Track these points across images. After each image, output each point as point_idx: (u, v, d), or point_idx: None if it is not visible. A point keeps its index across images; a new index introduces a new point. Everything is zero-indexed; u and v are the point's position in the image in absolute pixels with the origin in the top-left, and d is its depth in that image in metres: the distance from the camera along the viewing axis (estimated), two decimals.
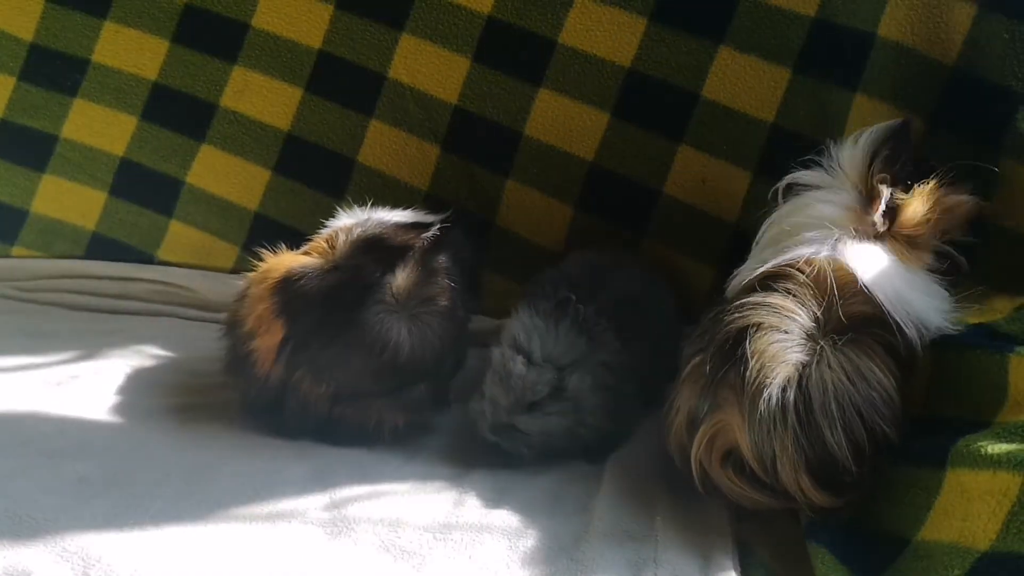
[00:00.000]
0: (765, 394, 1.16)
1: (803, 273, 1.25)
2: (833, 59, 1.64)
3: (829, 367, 1.18)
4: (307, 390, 1.42)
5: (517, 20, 1.82)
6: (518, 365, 1.36)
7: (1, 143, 2.11)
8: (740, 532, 1.22)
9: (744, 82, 1.70)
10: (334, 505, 1.27)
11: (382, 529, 1.22)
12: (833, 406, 1.16)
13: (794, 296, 1.24)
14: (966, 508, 1.02)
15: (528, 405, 1.36)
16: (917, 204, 1.33)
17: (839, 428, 1.15)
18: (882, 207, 1.31)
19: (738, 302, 1.25)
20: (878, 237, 1.31)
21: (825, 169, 1.39)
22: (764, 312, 1.22)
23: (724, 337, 1.23)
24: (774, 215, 1.41)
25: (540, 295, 1.46)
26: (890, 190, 1.32)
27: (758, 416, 1.16)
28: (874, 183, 1.33)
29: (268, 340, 1.42)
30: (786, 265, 1.27)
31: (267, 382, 1.43)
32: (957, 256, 1.37)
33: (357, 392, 1.43)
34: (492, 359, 1.41)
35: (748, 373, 1.18)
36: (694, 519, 1.24)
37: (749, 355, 1.18)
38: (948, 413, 1.19)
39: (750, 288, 1.29)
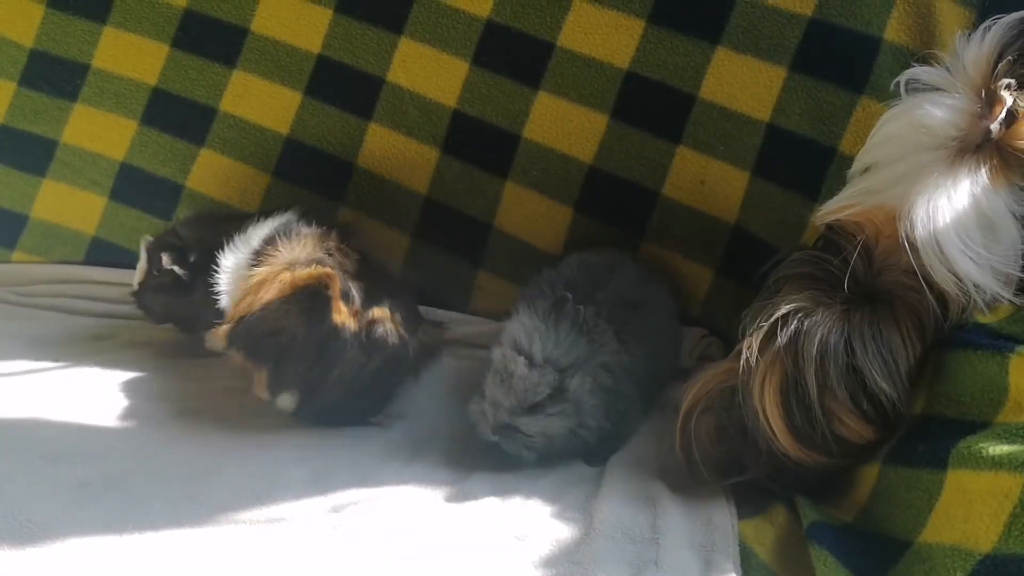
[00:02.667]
0: (769, 310, 1.25)
1: (861, 230, 1.29)
2: (831, 59, 1.64)
3: (843, 312, 1.23)
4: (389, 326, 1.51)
5: (515, 23, 1.82)
6: (520, 366, 1.36)
7: (1, 148, 2.11)
8: (741, 534, 1.22)
9: (741, 82, 1.70)
10: (334, 509, 1.27)
11: (382, 533, 1.21)
12: (816, 339, 1.21)
13: (843, 252, 1.28)
14: (967, 510, 1.02)
15: (529, 406, 1.36)
16: None
17: (815, 360, 1.20)
18: (1003, 113, 1.22)
19: (799, 254, 1.36)
20: (982, 146, 1.24)
21: (948, 68, 1.30)
22: (809, 262, 1.31)
23: (775, 279, 1.34)
24: (889, 113, 1.35)
25: (539, 296, 1.46)
26: (1015, 95, 1.22)
27: (753, 339, 1.24)
28: (997, 85, 1.23)
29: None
30: (854, 215, 1.31)
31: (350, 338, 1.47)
32: None
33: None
34: (493, 360, 1.41)
35: (767, 303, 1.27)
36: (695, 521, 1.24)
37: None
38: (948, 414, 1.18)
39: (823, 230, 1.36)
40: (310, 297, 1.48)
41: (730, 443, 1.31)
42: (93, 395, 1.58)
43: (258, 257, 1.57)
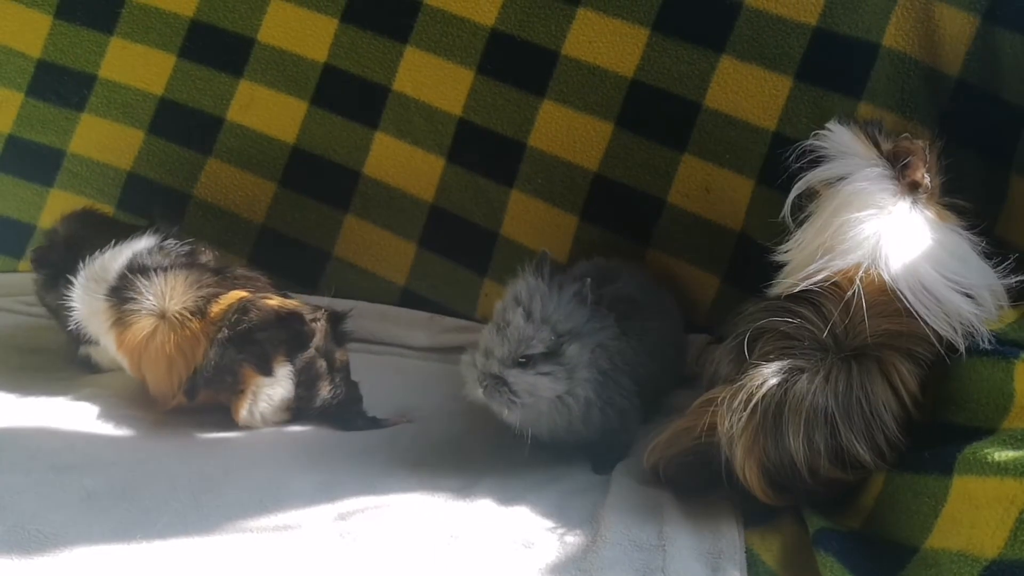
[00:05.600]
0: (748, 385, 1.21)
1: (837, 287, 1.27)
2: (835, 67, 1.65)
3: (825, 380, 1.21)
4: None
5: (520, 32, 1.83)
6: (517, 316, 1.34)
7: (9, 158, 2.12)
8: (748, 542, 1.22)
9: (746, 91, 1.70)
10: (341, 517, 1.27)
11: (389, 540, 1.22)
12: (802, 416, 1.19)
13: (819, 308, 1.27)
14: (973, 516, 1.02)
15: (521, 358, 1.33)
16: (932, 158, 1.32)
17: (800, 437, 1.19)
18: (925, 161, 1.29)
19: (766, 304, 1.33)
20: (916, 200, 1.30)
21: (836, 158, 1.35)
22: (785, 319, 1.27)
23: (744, 331, 1.30)
24: (816, 218, 1.36)
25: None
26: (925, 146, 1.28)
27: (737, 401, 1.21)
28: (901, 144, 1.28)
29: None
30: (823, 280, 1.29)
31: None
32: (963, 203, 1.36)
33: None
34: (494, 312, 1.40)
35: (745, 364, 1.25)
36: (701, 529, 1.24)
37: (751, 352, 1.27)
38: (954, 420, 1.19)
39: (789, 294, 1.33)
40: (240, 309, 1.52)
41: (722, 486, 1.30)
42: (99, 405, 1.58)
43: (121, 298, 1.57)
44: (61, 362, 1.77)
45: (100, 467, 1.37)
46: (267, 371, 1.52)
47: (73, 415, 1.54)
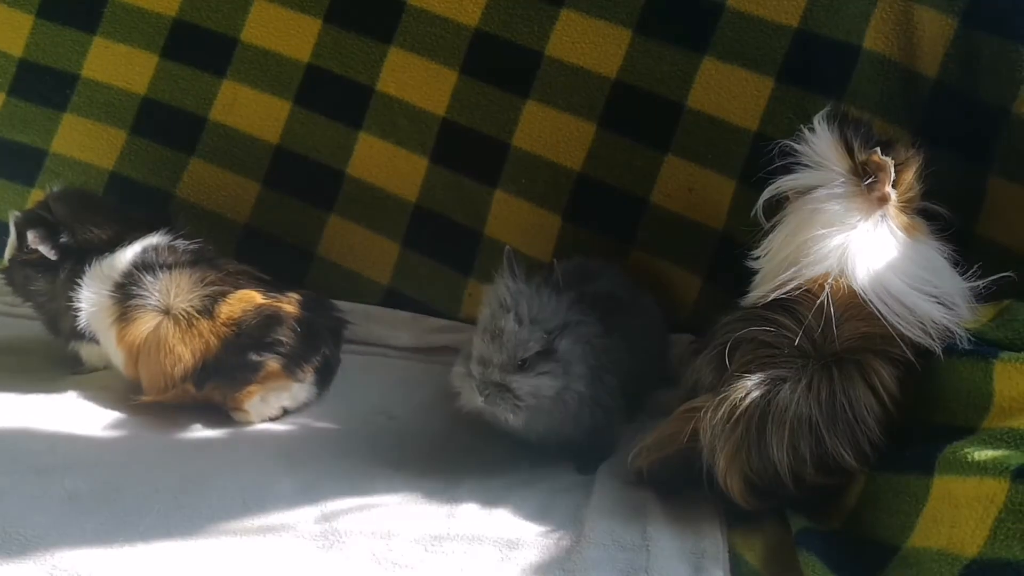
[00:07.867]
0: (731, 397, 1.21)
1: (811, 293, 1.28)
2: (816, 69, 1.66)
3: (807, 388, 1.21)
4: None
5: (504, 33, 1.83)
6: (510, 322, 1.34)
7: None
8: (731, 541, 1.22)
9: (728, 91, 1.71)
10: (325, 518, 1.27)
11: (373, 541, 1.22)
12: (787, 426, 1.19)
13: (795, 315, 1.27)
14: (954, 515, 1.03)
15: (520, 363, 1.34)
16: (910, 169, 1.34)
17: (785, 447, 1.19)
18: (891, 177, 1.30)
19: (744, 313, 1.33)
20: (884, 212, 1.31)
21: (807, 166, 1.36)
22: (763, 327, 1.27)
23: (724, 341, 1.29)
24: (784, 228, 1.38)
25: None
26: (892, 160, 1.29)
27: (719, 414, 1.21)
28: (871, 159, 1.29)
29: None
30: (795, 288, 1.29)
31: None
32: (939, 208, 1.37)
33: None
34: (480, 320, 1.40)
35: (726, 376, 1.25)
36: (685, 529, 1.25)
37: (731, 361, 1.27)
38: (935, 420, 1.19)
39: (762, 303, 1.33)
40: (267, 318, 1.57)
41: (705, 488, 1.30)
42: (82, 407, 1.58)
43: (125, 295, 1.58)
44: (43, 363, 1.76)
45: (82, 469, 1.37)
46: (299, 378, 1.59)
47: (55, 416, 1.53)
